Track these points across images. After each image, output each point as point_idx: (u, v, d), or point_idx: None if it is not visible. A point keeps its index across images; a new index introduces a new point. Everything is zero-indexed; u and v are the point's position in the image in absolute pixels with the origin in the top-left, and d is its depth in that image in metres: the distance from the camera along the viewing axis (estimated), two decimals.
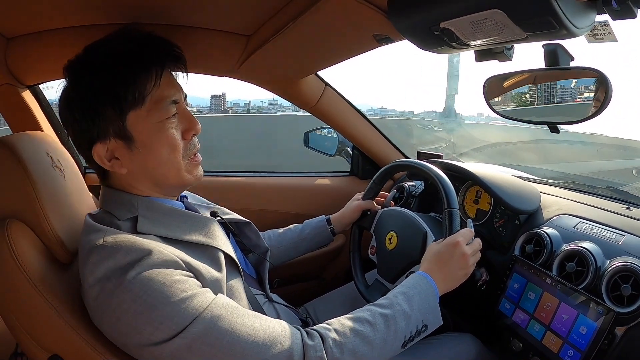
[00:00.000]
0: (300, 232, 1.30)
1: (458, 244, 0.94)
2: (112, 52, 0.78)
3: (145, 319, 0.68)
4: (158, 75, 0.79)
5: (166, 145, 0.80)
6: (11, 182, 0.78)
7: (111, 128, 0.77)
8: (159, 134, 0.79)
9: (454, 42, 0.72)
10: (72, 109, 0.78)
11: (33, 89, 1.36)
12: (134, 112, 0.77)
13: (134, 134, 0.78)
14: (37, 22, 0.99)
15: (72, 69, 0.79)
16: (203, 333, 0.69)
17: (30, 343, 0.75)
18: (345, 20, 0.83)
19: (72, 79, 0.79)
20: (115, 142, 0.78)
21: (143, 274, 0.69)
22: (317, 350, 0.74)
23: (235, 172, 1.80)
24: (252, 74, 1.37)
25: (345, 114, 1.64)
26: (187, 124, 0.84)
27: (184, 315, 0.68)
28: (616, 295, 0.85)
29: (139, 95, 0.77)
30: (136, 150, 0.79)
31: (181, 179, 0.84)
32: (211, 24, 1.06)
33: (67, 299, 0.76)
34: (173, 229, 0.81)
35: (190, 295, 0.70)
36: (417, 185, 1.45)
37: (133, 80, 0.77)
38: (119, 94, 0.76)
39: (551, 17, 0.53)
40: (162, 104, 0.79)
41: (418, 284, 0.89)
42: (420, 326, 0.85)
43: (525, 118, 0.97)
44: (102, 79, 0.76)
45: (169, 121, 0.80)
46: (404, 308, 0.84)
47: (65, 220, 0.85)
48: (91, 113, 0.76)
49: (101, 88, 0.76)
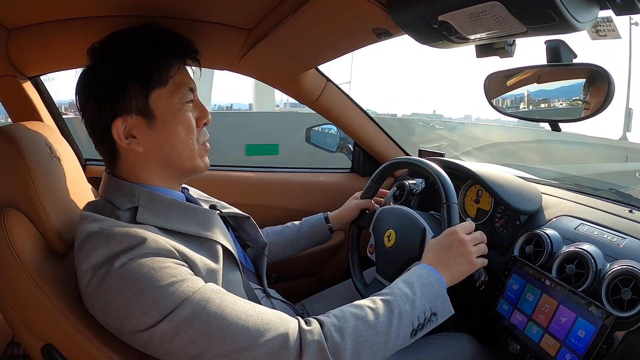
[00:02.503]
0: (299, 229, 1.30)
1: (455, 231, 0.94)
2: (142, 37, 0.84)
3: (134, 303, 0.68)
4: (181, 62, 0.86)
5: (184, 126, 0.84)
6: (9, 171, 0.79)
7: (134, 104, 0.80)
8: (178, 114, 0.83)
9: (453, 36, 0.71)
10: (97, 85, 0.80)
11: (34, 80, 1.36)
12: (157, 90, 0.81)
13: (156, 112, 0.81)
14: (39, 13, 0.99)
15: (102, 48, 0.83)
16: (190, 316, 0.68)
17: (25, 332, 0.75)
18: (344, 13, 0.83)
19: (100, 58, 0.82)
20: (136, 118, 0.81)
21: (134, 260, 0.69)
22: (314, 335, 0.71)
23: (234, 167, 1.80)
24: (253, 67, 1.37)
25: (346, 110, 1.63)
26: (200, 112, 0.88)
27: (171, 298, 0.68)
28: (616, 299, 0.84)
29: (164, 76, 0.82)
30: (155, 127, 0.82)
31: (193, 161, 0.87)
32: (212, 17, 1.06)
33: (62, 289, 0.76)
34: (172, 220, 0.81)
35: (180, 280, 0.70)
36: (418, 184, 1.44)
37: (161, 61, 0.82)
38: (147, 72, 0.80)
39: (551, 10, 0.52)
40: (182, 88, 0.84)
41: (418, 272, 0.87)
42: (429, 313, 0.82)
43: (526, 116, 0.95)
44: (134, 58, 0.80)
45: (187, 105, 0.85)
46: (405, 292, 0.81)
47: (62, 210, 0.85)
48: (117, 89, 0.79)
49: (131, 66, 0.80)
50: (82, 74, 0.83)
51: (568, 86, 0.87)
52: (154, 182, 0.85)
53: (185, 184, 1.02)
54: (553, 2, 0.51)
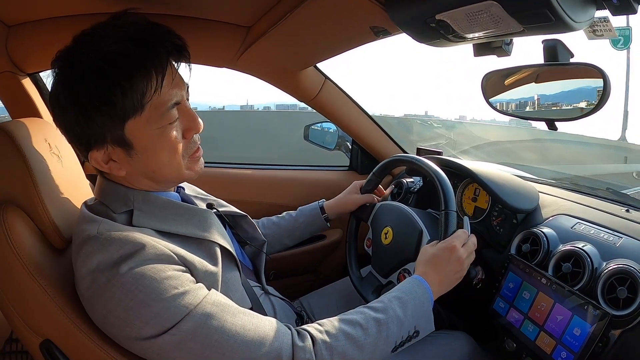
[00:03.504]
0: (295, 220, 1.29)
1: (454, 248, 0.93)
2: (106, 51, 0.69)
3: (136, 313, 0.68)
4: (159, 79, 0.72)
5: (167, 150, 0.77)
6: (8, 167, 0.79)
7: (108, 136, 0.73)
8: (159, 139, 0.75)
9: (450, 35, 0.71)
10: (64, 114, 0.73)
11: (33, 77, 1.37)
12: (132, 120, 0.72)
13: (133, 141, 0.74)
14: (38, 9, 1.00)
15: (62, 66, 0.72)
16: (192, 331, 0.69)
17: (24, 327, 0.76)
18: (343, 11, 0.83)
19: (62, 78, 0.72)
20: (112, 148, 0.75)
21: (135, 269, 0.68)
22: (306, 352, 0.73)
23: (232, 164, 1.80)
24: (251, 65, 1.37)
25: (345, 108, 1.63)
26: (189, 123, 0.80)
27: (174, 312, 0.68)
28: (612, 297, 0.84)
29: (137, 102, 0.71)
30: (135, 156, 0.76)
31: (181, 176, 0.82)
32: (211, 14, 1.06)
33: (61, 285, 0.76)
34: (169, 222, 0.80)
35: (182, 292, 0.70)
36: (416, 182, 1.44)
37: (130, 86, 0.70)
38: (114, 102, 0.70)
39: (547, 10, 0.52)
40: (162, 109, 0.74)
41: (414, 290, 0.87)
42: (412, 332, 0.84)
43: (523, 115, 0.96)
44: (95, 83, 0.69)
45: (169, 126, 0.76)
46: (398, 314, 0.82)
47: (61, 207, 0.86)
48: (85, 119, 0.71)
49: (95, 94, 0.69)
50: (50, 93, 0.74)
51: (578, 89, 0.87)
52: (146, 189, 0.82)
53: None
54: (549, 2, 0.51)
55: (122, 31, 0.71)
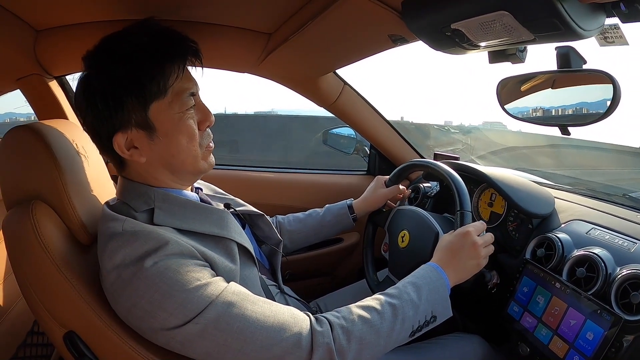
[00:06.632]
0: (322, 218, 1.31)
1: (468, 233, 0.95)
2: (137, 43, 0.79)
3: (160, 305, 0.71)
4: (181, 68, 0.81)
5: (185, 135, 0.82)
6: (38, 165, 0.82)
7: (133, 118, 0.79)
8: (179, 123, 0.81)
9: (465, 43, 0.73)
10: (94, 98, 0.78)
11: (60, 80, 1.41)
12: (156, 102, 0.79)
13: (156, 124, 0.80)
14: (65, 15, 1.04)
15: (95, 58, 0.80)
16: (215, 319, 0.72)
17: (49, 319, 0.79)
18: (362, 20, 0.85)
19: (94, 68, 0.80)
20: (136, 131, 0.80)
21: (160, 263, 0.72)
22: (324, 337, 0.75)
23: (251, 167, 1.84)
24: (273, 71, 1.40)
25: (363, 113, 1.65)
26: (203, 115, 0.86)
27: (197, 302, 0.71)
28: (625, 302, 0.84)
29: (162, 86, 0.78)
30: (157, 140, 0.81)
31: (197, 165, 0.86)
32: (234, 21, 1.09)
33: (86, 278, 0.79)
34: (188, 220, 0.84)
35: (204, 283, 0.73)
36: (433, 187, 1.45)
37: (158, 71, 0.78)
38: (144, 85, 0.77)
39: (556, 19, 0.54)
40: (182, 95, 0.81)
41: (427, 275, 0.89)
42: (429, 316, 0.85)
43: (536, 121, 0.97)
44: (128, 69, 0.77)
45: (187, 112, 0.82)
46: (412, 297, 0.84)
47: (87, 204, 0.89)
48: (114, 102, 0.77)
49: (127, 78, 0.77)
50: (80, 83, 0.81)
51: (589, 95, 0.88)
52: (165, 184, 0.87)
53: (202, 181, 1.06)
54: (557, 11, 0.53)
55: (148, 30, 0.82)
